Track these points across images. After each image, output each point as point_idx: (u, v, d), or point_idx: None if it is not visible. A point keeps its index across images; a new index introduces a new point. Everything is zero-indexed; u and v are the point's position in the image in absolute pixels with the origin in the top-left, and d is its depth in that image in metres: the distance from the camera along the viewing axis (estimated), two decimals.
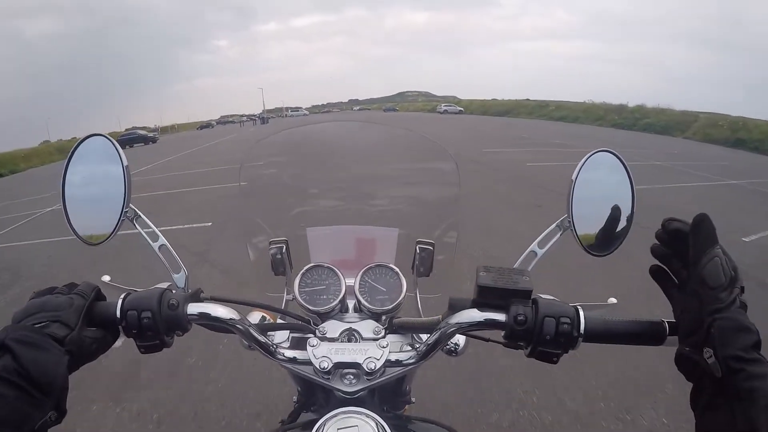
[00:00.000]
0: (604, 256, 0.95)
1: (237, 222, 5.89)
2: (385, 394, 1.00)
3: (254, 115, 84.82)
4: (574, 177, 0.93)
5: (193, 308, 0.81)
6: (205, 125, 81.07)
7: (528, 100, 67.73)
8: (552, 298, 0.78)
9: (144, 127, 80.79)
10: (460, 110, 70.54)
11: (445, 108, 72.45)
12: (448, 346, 1.02)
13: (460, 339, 1.04)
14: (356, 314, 1.00)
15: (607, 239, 0.95)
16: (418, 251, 1.13)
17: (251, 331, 0.84)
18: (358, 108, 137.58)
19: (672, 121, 39.60)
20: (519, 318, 0.74)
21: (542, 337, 0.73)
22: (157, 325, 0.77)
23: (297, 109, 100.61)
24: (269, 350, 0.87)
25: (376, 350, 0.85)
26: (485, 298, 0.77)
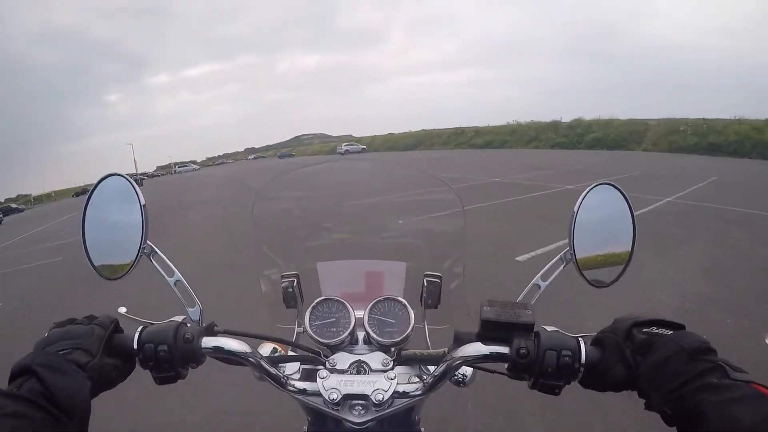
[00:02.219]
0: (607, 287, 0.96)
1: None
2: (394, 425, 0.95)
3: (145, 174, 75.05)
4: (575, 210, 0.94)
5: (208, 342, 0.84)
6: (81, 192, 69.83)
7: (422, 130, 62.43)
8: (555, 329, 0.79)
9: (25, 197, 78.05)
10: (363, 148, 66.26)
11: (346, 147, 68.09)
12: (455, 377, 1.01)
13: (467, 370, 1.03)
14: (366, 346, 1.01)
15: (609, 270, 0.97)
16: (425, 284, 1.14)
17: (263, 363, 0.87)
18: (253, 157, 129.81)
19: (624, 132, 37.52)
20: (521, 351, 0.75)
21: (544, 369, 0.74)
22: (172, 358, 0.80)
23: (185, 164, 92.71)
24: (280, 382, 0.89)
25: (384, 382, 0.86)
26: (489, 331, 0.79)
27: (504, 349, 0.78)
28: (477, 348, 0.80)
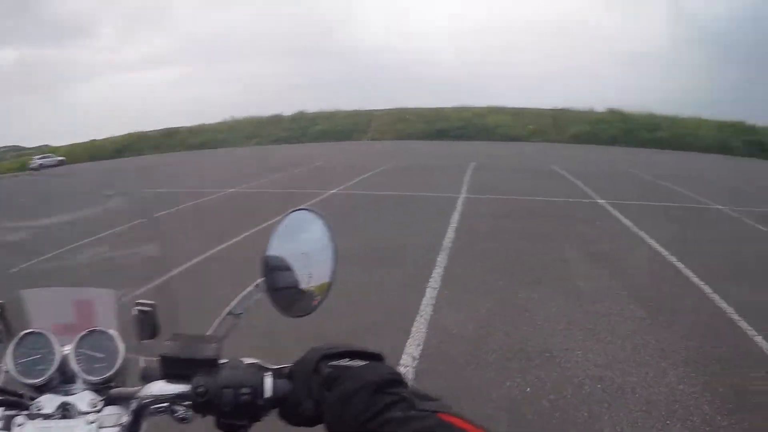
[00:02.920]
0: (304, 316, 0.91)
1: None
2: None
3: None
4: (270, 237, 0.91)
5: None
6: None
7: (129, 133, 55.86)
8: (251, 362, 0.75)
9: None
10: (61, 160, 57.54)
11: (40, 161, 59.63)
12: (177, 414, 0.81)
13: None
14: (82, 385, 0.88)
15: (307, 299, 0.91)
16: (136, 313, 0.98)
17: None
18: None
19: (349, 123, 41.73)
20: (199, 390, 0.70)
21: (223, 408, 0.70)
22: None
23: None
24: None
25: (83, 427, 0.77)
26: (171, 368, 0.74)
27: (187, 388, 0.72)
28: (161, 387, 0.74)
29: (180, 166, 26.57)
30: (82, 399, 0.82)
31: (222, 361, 0.74)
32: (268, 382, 0.71)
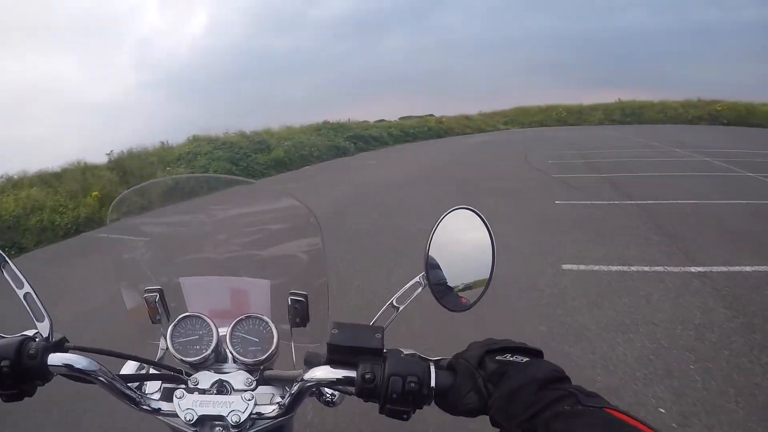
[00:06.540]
0: (463, 311, 0.94)
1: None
2: None
3: None
4: (431, 234, 0.91)
5: (55, 358, 0.79)
6: None
7: None
8: (411, 353, 0.79)
9: None
10: None
11: None
12: (324, 397, 0.97)
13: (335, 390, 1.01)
14: (234, 365, 0.98)
15: (468, 294, 0.93)
16: (290, 302, 1.09)
17: (114, 382, 0.83)
18: None
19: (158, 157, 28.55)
20: (366, 376, 0.74)
21: (389, 395, 0.73)
22: (15, 375, 0.76)
23: None
24: (134, 401, 0.85)
25: (241, 403, 0.84)
26: (336, 355, 0.78)
27: (352, 373, 0.76)
28: (326, 372, 0.78)
29: None
30: (237, 378, 0.91)
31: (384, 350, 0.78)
32: (433, 373, 0.73)
